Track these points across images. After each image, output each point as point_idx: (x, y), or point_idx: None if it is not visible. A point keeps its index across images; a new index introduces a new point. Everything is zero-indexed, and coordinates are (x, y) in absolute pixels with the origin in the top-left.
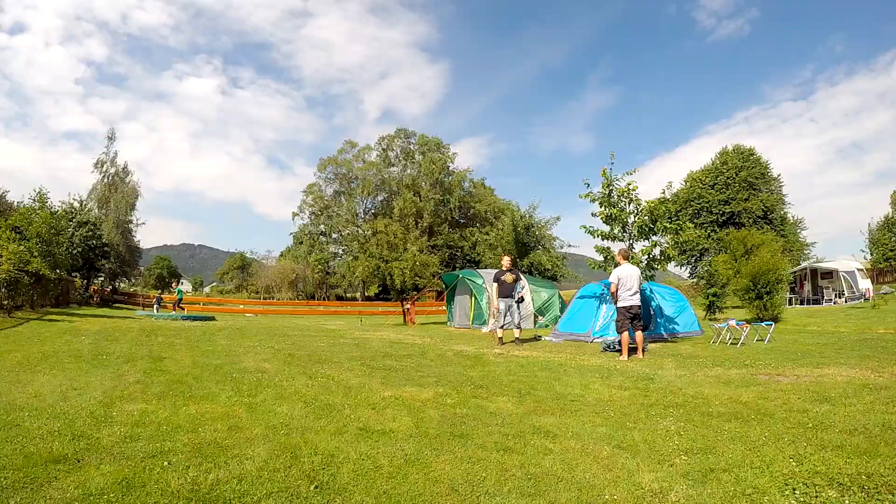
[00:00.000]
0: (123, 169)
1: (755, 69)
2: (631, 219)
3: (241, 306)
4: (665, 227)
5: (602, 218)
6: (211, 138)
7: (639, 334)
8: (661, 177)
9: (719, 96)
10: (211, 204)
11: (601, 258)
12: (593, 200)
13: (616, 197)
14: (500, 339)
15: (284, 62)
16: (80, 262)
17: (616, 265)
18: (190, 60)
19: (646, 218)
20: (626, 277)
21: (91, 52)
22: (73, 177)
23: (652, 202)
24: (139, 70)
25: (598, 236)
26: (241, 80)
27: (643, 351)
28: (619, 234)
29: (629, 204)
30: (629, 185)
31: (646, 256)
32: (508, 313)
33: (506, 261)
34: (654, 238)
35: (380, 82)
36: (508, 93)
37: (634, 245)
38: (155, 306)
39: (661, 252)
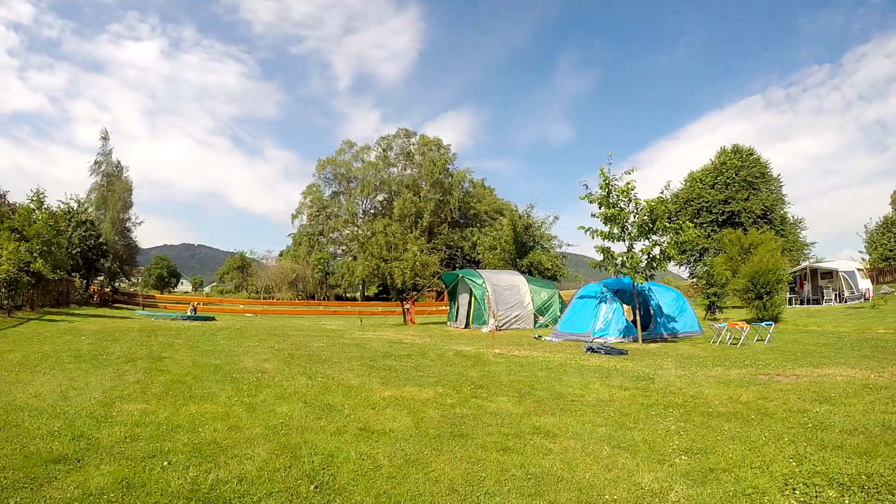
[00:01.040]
0: (117, 167)
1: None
2: (630, 218)
3: (241, 306)
4: (665, 226)
5: (601, 218)
6: (165, 116)
7: None
8: (652, 170)
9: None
10: (182, 196)
11: (601, 257)
12: (592, 202)
13: (615, 197)
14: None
15: (228, 16)
16: (79, 262)
17: None
18: (122, 19)
19: (645, 217)
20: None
21: (19, 13)
22: (38, 165)
23: (651, 202)
24: (70, 34)
25: (597, 236)
26: (183, 42)
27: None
28: (619, 234)
29: (628, 204)
30: (628, 184)
31: (646, 256)
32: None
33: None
34: (653, 238)
35: (344, 39)
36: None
37: (634, 245)
38: (190, 311)
39: (661, 252)
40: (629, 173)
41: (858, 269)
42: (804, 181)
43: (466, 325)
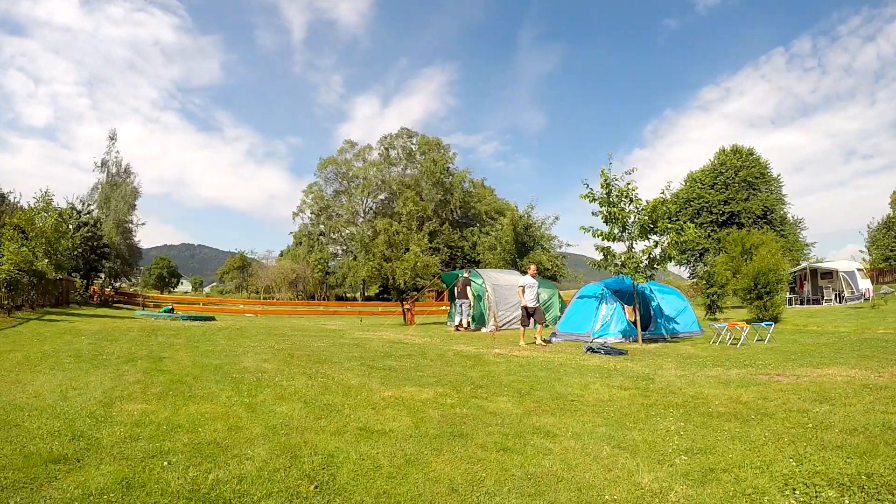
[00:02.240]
0: (125, 170)
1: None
2: (631, 218)
3: (241, 306)
4: (666, 227)
5: (601, 218)
6: (105, 87)
7: (539, 327)
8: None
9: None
10: (147, 187)
11: (601, 257)
12: (592, 201)
13: (615, 197)
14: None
15: None
16: (80, 262)
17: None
18: None
19: (646, 217)
20: (530, 287)
21: None
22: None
23: (653, 201)
24: None
25: (597, 236)
26: None
27: (544, 341)
28: (619, 235)
29: (629, 204)
30: (628, 184)
31: (646, 256)
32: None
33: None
34: (654, 238)
35: None
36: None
37: (635, 245)
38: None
39: (662, 252)
40: (629, 173)
41: (858, 269)
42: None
43: (466, 325)
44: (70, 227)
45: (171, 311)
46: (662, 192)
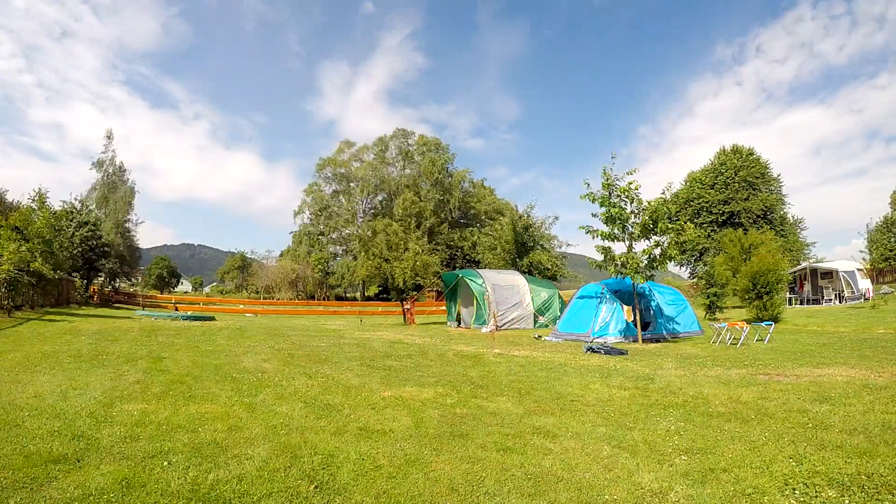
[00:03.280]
0: (121, 168)
1: None
2: (632, 218)
3: (241, 306)
4: (667, 227)
5: (602, 218)
6: (38, 57)
7: None
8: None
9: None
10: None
11: (601, 257)
12: (593, 201)
13: (616, 196)
14: None
15: None
16: (80, 262)
17: None
18: None
19: (647, 218)
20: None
21: None
22: None
23: (653, 202)
24: None
25: (598, 236)
26: None
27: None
28: (620, 235)
29: (630, 203)
30: (630, 184)
31: (646, 256)
32: None
33: None
34: (654, 238)
35: None
36: None
37: (635, 245)
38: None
39: (662, 252)
40: (631, 173)
41: (858, 269)
42: None
43: (466, 325)
44: (66, 225)
45: (188, 315)
46: (663, 193)
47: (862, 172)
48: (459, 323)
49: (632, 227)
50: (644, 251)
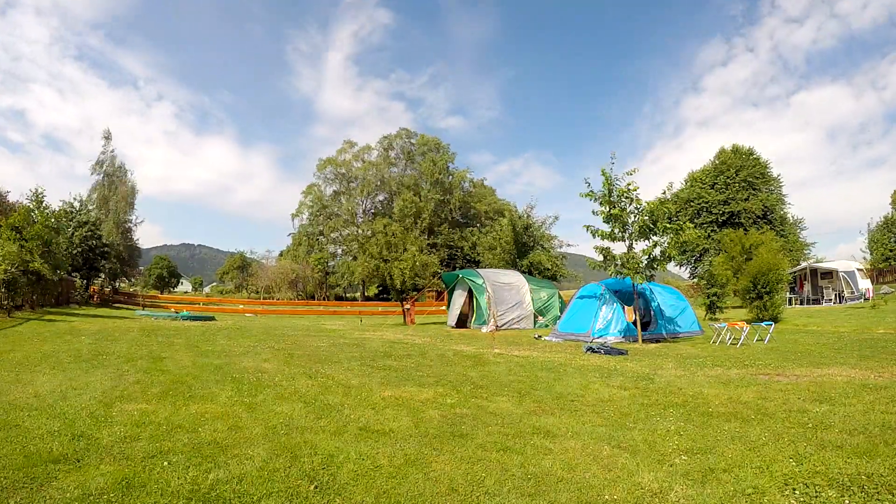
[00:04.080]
0: (121, 168)
1: None
2: (631, 218)
3: (241, 306)
4: (666, 227)
5: (602, 217)
6: None
7: None
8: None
9: None
10: (83, 170)
11: (601, 258)
12: (594, 200)
13: (616, 197)
14: None
15: None
16: (80, 262)
17: None
18: None
19: (646, 218)
20: None
21: None
22: None
23: (653, 203)
24: None
25: (598, 236)
26: None
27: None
28: (619, 235)
29: (630, 204)
30: (629, 185)
31: (646, 257)
32: None
33: None
34: (654, 238)
35: None
36: None
37: (634, 245)
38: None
39: (662, 252)
40: (630, 174)
41: (858, 269)
42: None
43: (466, 325)
44: (66, 225)
45: (188, 315)
46: (664, 193)
47: (880, 161)
48: (466, 323)
49: (631, 227)
50: (644, 251)
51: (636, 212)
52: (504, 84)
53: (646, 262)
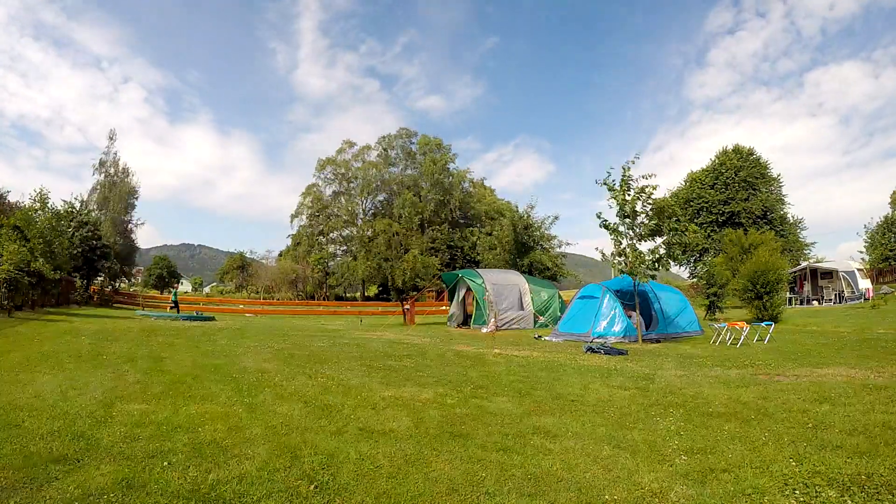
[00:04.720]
0: (123, 170)
1: None
2: (639, 219)
3: (241, 306)
4: (672, 227)
5: (618, 204)
6: None
7: None
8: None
9: None
10: (60, 157)
11: (601, 257)
12: (611, 189)
13: (631, 196)
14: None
15: None
16: (80, 262)
17: None
18: None
19: (653, 222)
20: None
21: None
22: None
23: (661, 201)
24: None
25: (609, 230)
26: None
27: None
28: (627, 232)
29: (642, 204)
30: (643, 188)
31: (651, 257)
32: None
33: None
34: (659, 239)
35: None
36: None
37: (639, 245)
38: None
39: (667, 252)
40: (647, 178)
41: (858, 269)
42: None
43: (466, 325)
44: (67, 226)
45: (189, 316)
46: (665, 194)
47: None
48: (466, 323)
49: (639, 226)
50: (651, 251)
51: (646, 212)
52: (485, 54)
53: (650, 260)
